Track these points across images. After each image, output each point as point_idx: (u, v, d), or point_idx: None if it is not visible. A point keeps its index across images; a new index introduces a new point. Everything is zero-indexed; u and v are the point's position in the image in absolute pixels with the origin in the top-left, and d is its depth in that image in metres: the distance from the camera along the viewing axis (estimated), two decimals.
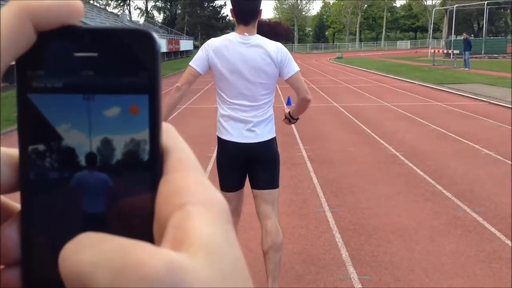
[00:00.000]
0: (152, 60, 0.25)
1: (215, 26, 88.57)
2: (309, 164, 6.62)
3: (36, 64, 0.25)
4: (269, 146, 3.10)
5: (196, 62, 2.99)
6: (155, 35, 0.26)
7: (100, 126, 0.25)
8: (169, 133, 0.27)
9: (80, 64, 0.25)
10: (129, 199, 0.25)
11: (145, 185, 0.25)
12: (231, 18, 3.20)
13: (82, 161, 0.25)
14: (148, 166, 0.26)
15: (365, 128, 9.33)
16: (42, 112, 0.25)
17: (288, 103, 14.61)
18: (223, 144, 3.06)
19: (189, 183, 0.25)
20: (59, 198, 0.26)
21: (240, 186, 3.13)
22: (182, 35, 68.63)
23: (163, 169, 0.26)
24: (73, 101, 0.25)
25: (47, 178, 0.25)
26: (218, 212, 0.24)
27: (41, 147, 0.25)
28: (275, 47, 3.02)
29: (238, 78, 2.96)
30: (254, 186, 3.12)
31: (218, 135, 3.09)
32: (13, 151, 0.26)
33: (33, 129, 0.25)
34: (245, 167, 3.09)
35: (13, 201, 0.28)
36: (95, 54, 0.25)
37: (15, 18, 0.24)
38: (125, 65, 0.25)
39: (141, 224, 0.25)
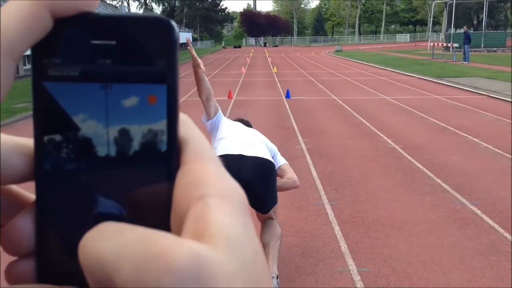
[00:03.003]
0: (170, 49, 0.25)
1: (214, 19, 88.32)
2: (308, 157, 6.62)
3: (53, 51, 0.25)
4: (268, 166, 3.17)
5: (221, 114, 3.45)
6: (174, 23, 0.25)
7: (117, 116, 0.25)
8: (186, 124, 0.27)
9: (97, 52, 0.25)
10: (146, 190, 0.25)
11: (162, 176, 0.25)
12: (230, 11, 3.27)
13: (99, 152, 0.25)
14: (166, 157, 0.25)
15: (364, 122, 9.32)
16: (58, 101, 0.25)
17: (287, 96, 14.46)
18: None
19: (207, 174, 0.24)
20: (74, 189, 0.25)
21: None
22: (181, 27, 68.41)
23: (180, 160, 0.25)
24: (90, 90, 0.25)
25: (63, 168, 0.25)
26: (237, 203, 0.24)
27: (57, 137, 0.25)
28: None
29: (237, 134, 3.29)
30: (253, 207, 3.22)
31: None
32: (27, 141, 0.26)
33: (48, 119, 0.25)
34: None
35: (27, 192, 0.28)
36: (112, 42, 0.25)
37: (31, 4, 0.24)
38: (143, 54, 0.25)
39: (158, 216, 0.25)
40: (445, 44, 36.54)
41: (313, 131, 8.44)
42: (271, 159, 3.20)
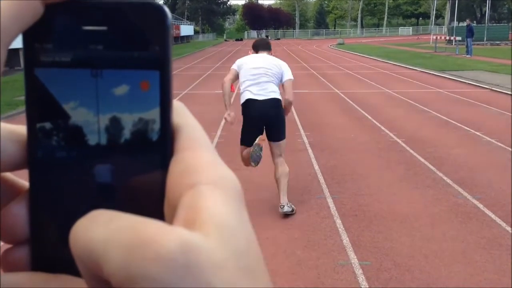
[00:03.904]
0: (163, 35, 0.25)
1: (215, 11, 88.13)
2: (310, 151, 6.62)
3: (44, 37, 0.25)
4: (277, 104, 4.47)
5: (234, 67, 4.61)
6: (167, 8, 0.25)
7: (109, 103, 0.24)
8: (180, 111, 0.26)
9: (89, 38, 0.25)
10: (139, 178, 0.25)
11: (155, 164, 0.25)
12: (232, 4, 3.48)
13: (90, 140, 0.25)
14: (159, 144, 0.25)
15: (366, 115, 9.31)
16: (50, 88, 0.25)
17: None
18: (245, 106, 4.50)
19: (201, 162, 0.24)
20: (67, 176, 0.25)
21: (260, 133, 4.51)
22: (182, 20, 68.28)
23: (173, 148, 0.25)
24: (81, 77, 0.24)
25: (55, 156, 0.25)
26: (231, 191, 0.23)
27: (48, 124, 0.25)
28: (280, 60, 4.66)
29: (259, 69, 4.45)
30: (269, 139, 4.51)
31: (241, 103, 4.53)
32: (20, 128, 0.26)
33: (40, 106, 0.25)
34: (262, 124, 4.47)
35: (21, 179, 0.28)
36: (104, 28, 0.24)
37: None
38: (136, 40, 0.25)
39: (151, 204, 0.25)
40: (447, 37, 36.44)
41: (315, 124, 8.44)
42: (277, 96, 4.45)
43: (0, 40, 0.23)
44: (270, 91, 4.41)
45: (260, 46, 4.74)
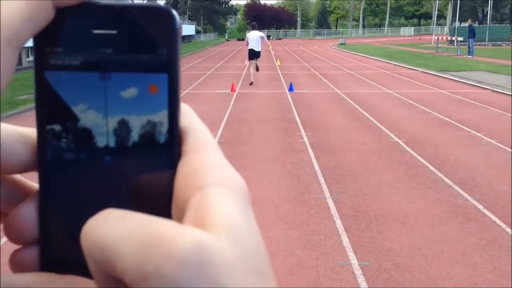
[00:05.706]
0: (171, 38, 0.25)
1: (217, 11, 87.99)
2: (310, 151, 6.62)
3: (54, 41, 0.25)
4: (259, 51, 14.68)
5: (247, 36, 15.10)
6: (175, 12, 0.25)
7: (118, 106, 0.25)
8: (187, 113, 0.27)
9: (99, 41, 0.25)
10: (147, 180, 0.25)
11: (163, 166, 0.25)
12: (233, 3, 4.01)
13: (99, 142, 0.25)
14: (166, 147, 0.25)
15: (367, 115, 9.31)
16: (59, 91, 0.25)
17: (291, 89, 14.54)
18: (249, 51, 14.54)
19: (208, 164, 0.24)
20: (76, 178, 0.25)
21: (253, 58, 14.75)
22: (184, 20, 68.19)
23: (181, 150, 0.25)
24: (91, 80, 0.25)
25: (64, 158, 0.25)
26: (238, 193, 0.24)
27: (58, 127, 0.25)
28: (261, 32, 15.27)
29: (253, 38, 14.55)
30: (255, 59, 14.74)
31: (248, 49, 14.62)
32: (29, 130, 0.26)
33: (50, 108, 0.25)
34: (253, 56, 14.65)
35: (31, 181, 0.28)
36: (114, 32, 0.25)
37: None
38: (144, 43, 0.25)
39: (160, 206, 0.25)
40: (449, 38, 36.38)
41: (315, 124, 8.44)
42: (260, 48, 14.44)
43: (13, 43, 0.24)
44: (257, 45, 14.14)
45: (253, 28, 14.73)
